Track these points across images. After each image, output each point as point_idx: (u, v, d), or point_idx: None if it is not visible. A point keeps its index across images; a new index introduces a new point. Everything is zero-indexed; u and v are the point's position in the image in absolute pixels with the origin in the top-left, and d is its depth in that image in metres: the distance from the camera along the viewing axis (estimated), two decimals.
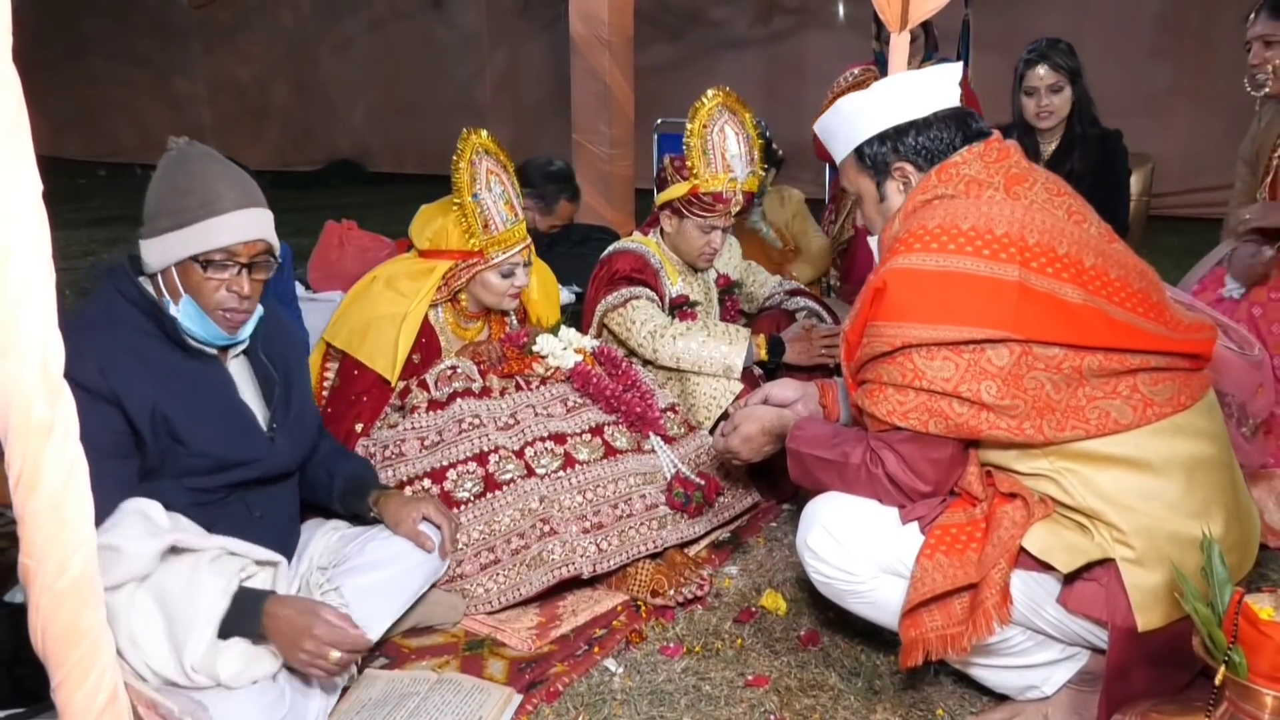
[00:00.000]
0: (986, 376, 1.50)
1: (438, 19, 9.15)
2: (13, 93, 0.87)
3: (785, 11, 7.56)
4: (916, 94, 1.70)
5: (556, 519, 2.12)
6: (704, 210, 2.64)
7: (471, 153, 2.28)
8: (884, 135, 1.71)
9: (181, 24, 10.00)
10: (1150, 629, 1.49)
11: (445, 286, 2.35)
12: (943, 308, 1.52)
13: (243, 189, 1.67)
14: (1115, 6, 6.29)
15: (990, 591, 1.52)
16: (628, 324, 2.63)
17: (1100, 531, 1.53)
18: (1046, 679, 1.69)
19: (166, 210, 1.62)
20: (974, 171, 1.64)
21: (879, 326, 1.57)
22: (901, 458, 1.63)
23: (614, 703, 1.81)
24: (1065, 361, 1.50)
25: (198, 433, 1.66)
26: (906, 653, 1.62)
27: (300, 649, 1.52)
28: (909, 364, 1.55)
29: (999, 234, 1.54)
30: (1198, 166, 5.98)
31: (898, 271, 1.57)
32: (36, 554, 0.96)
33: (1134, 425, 1.52)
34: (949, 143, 1.68)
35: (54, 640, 0.99)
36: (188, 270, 1.64)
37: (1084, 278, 1.54)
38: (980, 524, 1.59)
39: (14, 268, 0.89)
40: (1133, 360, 1.52)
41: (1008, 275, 1.51)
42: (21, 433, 0.92)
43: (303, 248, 4.38)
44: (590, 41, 4.92)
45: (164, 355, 1.66)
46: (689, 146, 2.62)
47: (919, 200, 1.66)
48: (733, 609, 2.13)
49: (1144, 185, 4.52)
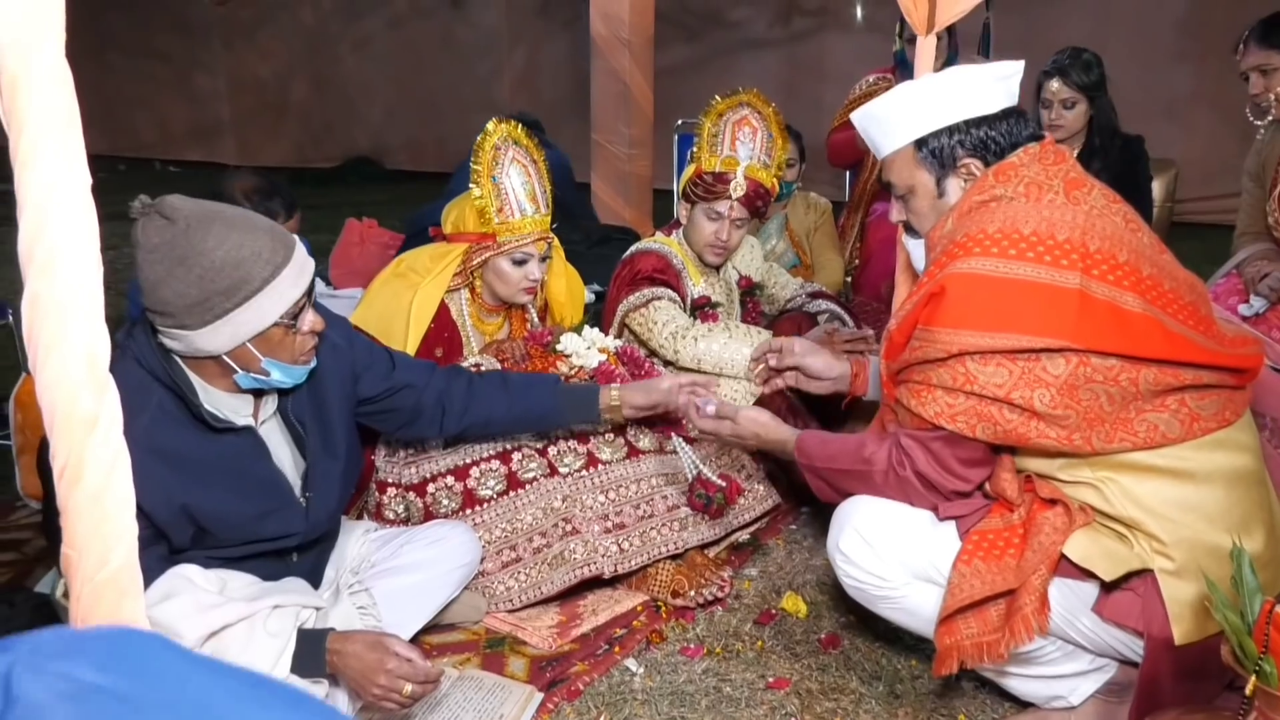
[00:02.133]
0: (1041, 385, 1.48)
1: (457, 17, 9.18)
2: (66, 89, 0.88)
3: (805, 13, 7.55)
4: (985, 88, 1.66)
5: (579, 518, 2.12)
6: (706, 192, 2.64)
7: (499, 137, 2.29)
8: (953, 128, 1.66)
9: (202, 20, 10.06)
10: (1186, 642, 1.47)
11: (463, 270, 2.36)
12: (1001, 315, 1.49)
13: (275, 234, 1.53)
14: (1137, 10, 6.25)
15: (1030, 598, 1.50)
16: (649, 325, 2.64)
17: (1140, 542, 1.51)
18: (1074, 689, 1.67)
19: (221, 291, 1.46)
20: (1033, 174, 1.60)
21: (934, 332, 1.54)
22: (933, 455, 1.61)
23: (635, 703, 1.82)
24: (1122, 374, 1.47)
25: (226, 522, 1.59)
26: (941, 661, 1.59)
27: (374, 684, 1.49)
28: (961, 368, 1.52)
29: (1061, 239, 1.51)
30: (1220, 172, 5.93)
31: (957, 276, 1.53)
32: (79, 545, 0.97)
33: (1181, 439, 1.50)
34: (1014, 140, 1.64)
35: None
36: (268, 336, 1.53)
37: (1143, 286, 1.51)
38: (1018, 530, 1.57)
39: (63, 263, 0.90)
40: (1186, 375, 1.50)
41: (1069, 282, 1.48)
42: (67, 426, 0.93)
43: (321, 244, 4.40)
44: (611, 41, 4.92)
45: (188, 439, 1.55)
46: (699, 130, 2.65)
47: (975, 200, 1.63)
48: (753, 611, 2.13)
49: (1167, 191, 4.49)
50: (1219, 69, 6.14)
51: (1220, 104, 5.96)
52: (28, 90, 0.87)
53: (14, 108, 0.87)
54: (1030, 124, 1.68)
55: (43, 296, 0.91)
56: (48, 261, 0.90)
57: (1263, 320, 2.50)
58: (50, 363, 0.92)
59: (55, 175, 0.89)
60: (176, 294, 1.45)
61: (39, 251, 0.90)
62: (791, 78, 7.47)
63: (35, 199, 0.89)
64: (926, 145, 1.69)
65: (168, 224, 1.45)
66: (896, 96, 1.71)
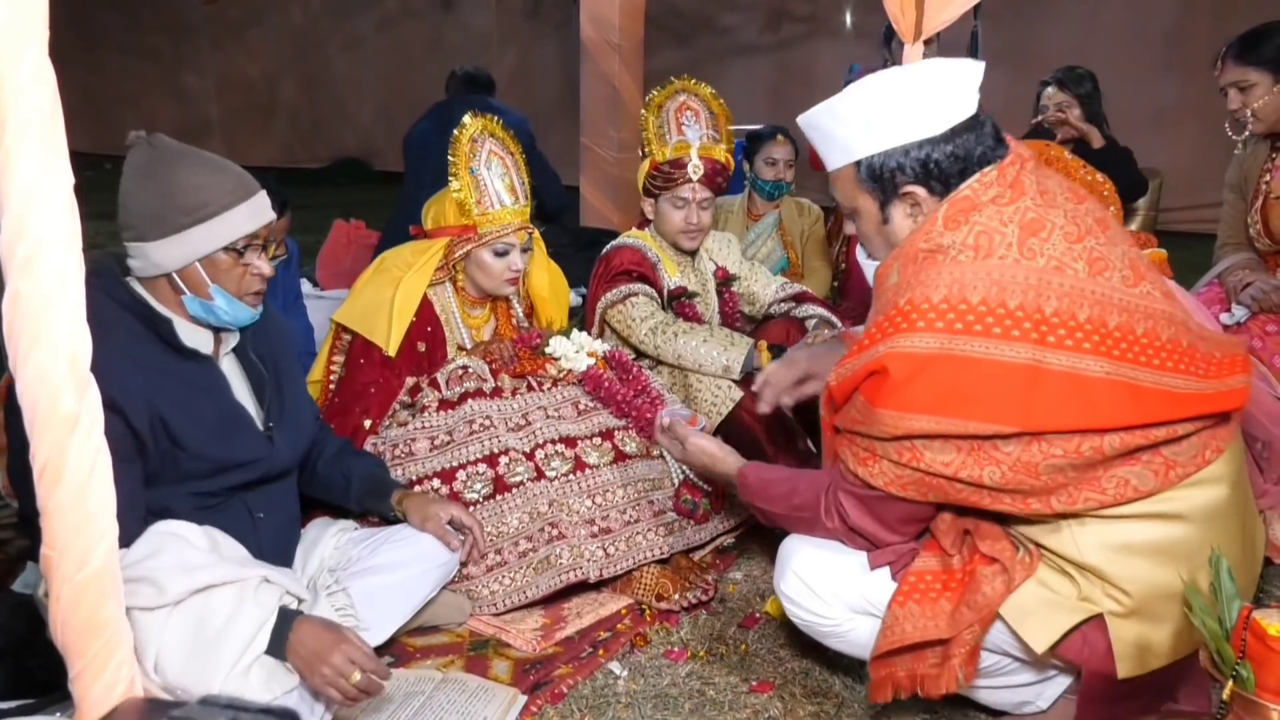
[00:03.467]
0: (991, 463, 1.40)
1: (447, 19, 9.18)
2: (49, 88, 0.88)
3: (794, 19, 7.58)
4: (935, 102, 1.47)
5: (565, 523, 2.12)
6: (666, 181, 2.67)
7: (475, 131, 2.30)
8: (892, 151, 1.49)
9: (191, 19, 10.03)
10: (1129, 676, 1.46)
11: (445, 263, 2.37)
12: (947, 399, 1.39)
13: (241, 177, 1.69)
14: (1124, 21, 6.30)
15: (960, 650, 1.51)
16: (628, 321, 2.65)
17: (1090, 584, 1.47)
18: (1040, 694, 1.67)
19: (179, 207, 1.61)
20: (986, 219, 1.45)
21: (878, 413, 1.43)
22: (867, 509, 1.57)
23: (618, 705, 1.82)
24: (1084, 444, 1.38)
25: (196, 436, 1.66)
26: (875, 689, 1.61)
27: (325, 664, 1.50)
28: (907, 446, 1.44)
29: (1013, 307, 1.38)
30: (1205, 182, 5.97)
31: (900, 355, 1.41)
32: (59, 546, 0.97)
33: (1154, 492, 1.42)
34: (965, 163, 1.48)
35: (73, 632, 1.00)
36: (215, 261, 1.66)
37: (1109, 343, 1.39)
38: (956, 575, 1.54)
39: (45, 261, 0.90)
40: (1158, 433, 1.40)
41: (1019, 357, 1.37)
42: (48, 424, 0.93)
43: (309, 245, 4.39)
44: (600, 45, 4.93)
45: (158, 359, 1.65)
46: (644, 126, 2.71)
47: (922, 249, 1.48)
48: (737, 614, 2.14)
49: (1152, 200, 4.52)
50: (1204, 80, 6.16)
51: (1206, 115, 6.00)
52: (11, 89, 0.87)
53: None
54: (988, 136, 1.50)
55: (24, 295, 0.91)
56: (29, 260, 0.90)
57: (1244, 330, 2.52)
58: (31, 361, 0.92)
59: (38, 174, 0.89)
60: (141, 205, 1.62)
61: (20, 250, 0.90)
62: (780, 83, 7.49)
63: (17, 198, 0.89)
64: (866, 167, 1.52)
65: (150, 149, 1.64)
66: (837, 105, 1.53)
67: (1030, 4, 6.28)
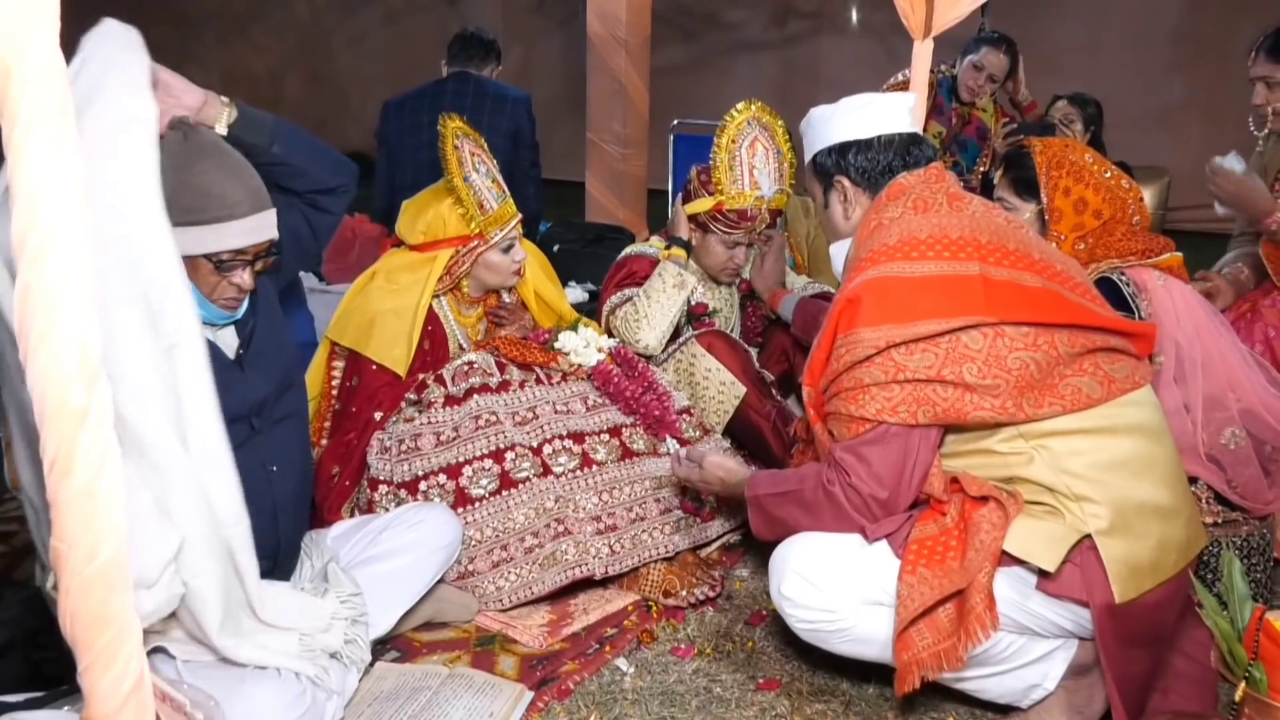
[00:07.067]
0: (967, 359, 1.59)
1: (453, 14, 9.15)
2: (59, 80, 0.88)
3: (801, 16, 7.56)
4: (869, 115, 1.85)
5: (571, 519, 2.12)
6: (728, 227, 2.64)
7: (453, 137, 2.28)
8: (831, 149, 1.86)
9: (196, 12, 10.01)
10: (1126, 600, 1.54)
11: (448, 276, 2.34)
12: (916, 307, 1.62)
13: (254, 191, 1.67)
14: (1132, 19, 6.27)
15: (978, 596, 1.54)
16: (628, 322, 2.64)
17: (1072, 509, 1.58)
18: (1045, 675, 1.71)
19: (180, 205, 1.58)
20: (919, 192, 1.77)
21: (857, 333, 1.64)
22: (866, 462, 1.65)
23: (625, 702, 1.82)
24: (1039, 338, 1.60)
25: None
26: (901, 678, 1.62)
27: None
28: (890, 362, 1.62)
29: (955, 238, 1.67)
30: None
31: (870, 282, 1.66)
32: (68, 539, 0.96)
33: (1103, 400, 1.63)
34: (885, 166, 1.82)
35: (82, 625, 0.99)
36: (195, 264, 1.63)
37: (1037, 267, 1.67)
38: (954, 532, 1.63)
39: (54, 254, 0.89)
40: (1096, 338, 1.65)
41: (970, 270, 1.63)
42: (57, 417, 0.93)
43: None
44: (607, 40, 4.92)
45: None
46: (716, 161, 2.59)
47: (871, 225, 1.77)
48: (744, 611, 2.13)
49: (1159, 199, 4.51)
50: (1212, 78, 6.18)
51: (1213, 113, 5.99)
52: (21, 81, 0.86)
53: (7, 98, 0.86)
54: (920, 154, 1.82)
55: (34, 288, 0.90)
56: (39, 252, 0.89)
57: (1259, 318, 2.52)
58: (41, 354, 0.91)
59: (48, 166, 0.88)
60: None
61: (31, 242, 0.89)
62: (786, 80, 7.47)
63: (27, 190, 0.88)
64: (816, 161, 1.90)
65: (182, 140, 1.64)
66: (811, 114, 1.92)
67: (1038, 2, 6.25)
